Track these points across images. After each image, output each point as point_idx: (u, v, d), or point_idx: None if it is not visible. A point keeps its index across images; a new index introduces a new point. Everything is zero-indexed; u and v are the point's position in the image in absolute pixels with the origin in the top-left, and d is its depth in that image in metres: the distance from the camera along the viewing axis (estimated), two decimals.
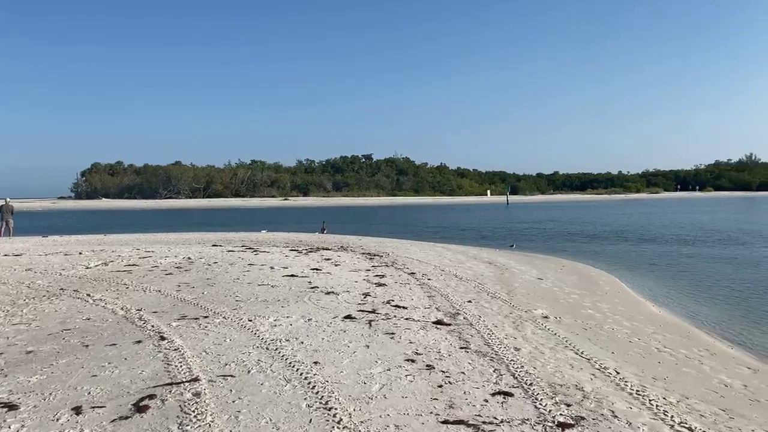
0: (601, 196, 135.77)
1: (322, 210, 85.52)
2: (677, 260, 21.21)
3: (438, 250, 22.23)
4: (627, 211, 65.21)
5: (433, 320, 9.52)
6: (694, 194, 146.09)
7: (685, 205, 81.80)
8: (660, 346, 8.91)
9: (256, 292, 11.86)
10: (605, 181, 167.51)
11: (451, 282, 13.98)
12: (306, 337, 8.31)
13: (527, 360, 7.46)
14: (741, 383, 7.24)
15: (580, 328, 9.75)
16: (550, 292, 13.41)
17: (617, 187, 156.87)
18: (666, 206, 79.89)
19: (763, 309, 12.64)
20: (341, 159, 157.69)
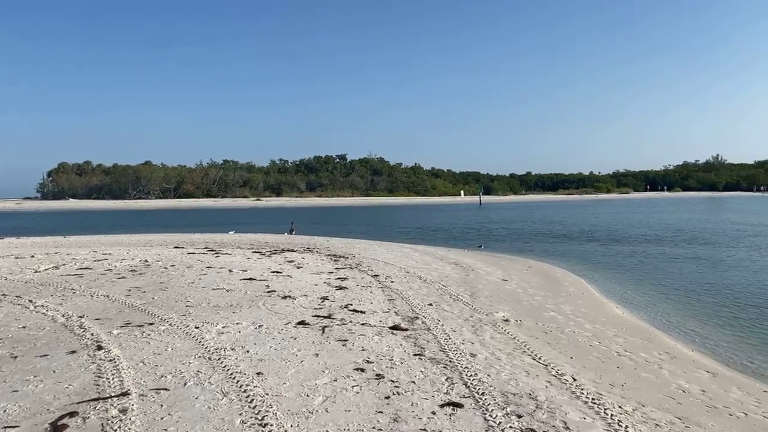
0: (572, 197, 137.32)
1: (295, 210, 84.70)
2: (642, 260, 21.28)
3: (406, 251, 21.95)
4: (596, 211, 65.93)
5: (390, 325, 9.19)
6: (663, 194, 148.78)
7: (654, 205, 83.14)
8: (620, 350, 8.72)
9: (210, 297, 11.39)
10: (577, 181, 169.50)
11: (415, 284, 13.68)
12: (253, 345, 7.91)
13: (482, 367, 7.17)
14: (699, 388, 7.07)
15: (541, 332, 9.53)
16: (514, 293, 13.20)
17: (588, 187, 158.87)
18: (635, 206, 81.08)
19: (724, 310, 12.61)
20: (315, 159, 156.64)
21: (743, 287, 15.21)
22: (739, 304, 13.14)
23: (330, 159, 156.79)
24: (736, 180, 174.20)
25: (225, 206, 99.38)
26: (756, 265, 19.45)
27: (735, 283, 15.93)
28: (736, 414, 6.25)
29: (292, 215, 67.37)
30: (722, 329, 10.91)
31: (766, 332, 10.61)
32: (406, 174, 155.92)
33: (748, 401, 6.76)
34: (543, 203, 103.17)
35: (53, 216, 70.14)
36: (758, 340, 10.11)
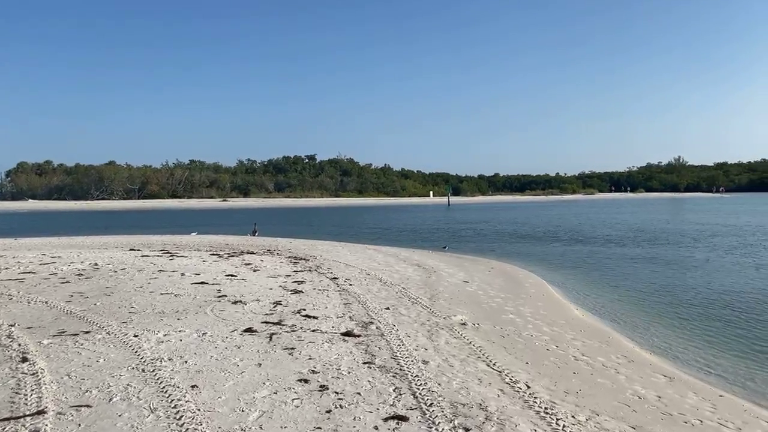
0: (538, 197, 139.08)
1: (263, 211, 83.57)
2: (604, 261, 21.36)
3: (369, 253, 21.59)
4: (561, 212, 66.69)
5: (343, 331, 8.81)
6: (627, 195, 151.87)
7: (617, 206, 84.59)
8: (578, 354, 8.51)
9: (156, 303, 10.84)
10: (543, 182, 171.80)
11: (374, 287, 13.32)
12: (193, 355, 7.44)
13: (433, 375, 6.85)
14: (655, 394, 6.87)
15: (498, 336, 9.27)
16: (474, 296, 12.96)
17: (555, 188, 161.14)
18: (599, 207, 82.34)
19: (683, 312, 12.59)
20: (284, 159, 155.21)
21: (701, 288, 15.29)
22: (696, 305, 13.15)
23: (299, 159, 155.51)
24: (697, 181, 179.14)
25: (190, 207, 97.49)
26: (711, 265, 19.67)
27: (693, 284, 16.02)
28: (691, 421, 6.06)
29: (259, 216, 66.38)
30: (680, 331, 10.84)
31: (721, 334, 10.57)
32: (376, 175, 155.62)
33: (703, 407, 6.59)
34: (510, 204, 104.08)
35: (9, 217, 67.61)
36: (714, 342, 10.05)
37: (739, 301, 13.44)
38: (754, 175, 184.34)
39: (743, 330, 10.79)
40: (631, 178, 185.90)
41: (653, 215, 56.41)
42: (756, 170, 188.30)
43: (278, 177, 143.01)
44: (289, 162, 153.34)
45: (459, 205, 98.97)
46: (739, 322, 11.37)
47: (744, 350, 9.50)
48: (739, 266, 19.20)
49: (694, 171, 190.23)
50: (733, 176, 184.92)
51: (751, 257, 21.50)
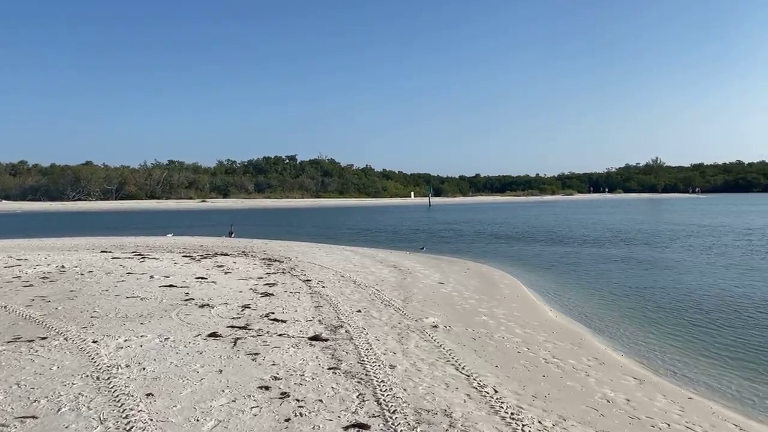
0: (518, 198, 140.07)
1: (242, 212, 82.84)
2: (580, 261, 21.42)
3: (346, 254, 21.39)
4: (540, 212, 67.11)
5: (311, 335, 8.61)
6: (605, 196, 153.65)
7: (596, 207, 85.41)
8: (549, 356, 8.41)
9: (120, 306, 10.53)
10: (523, 183, 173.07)
11: (347, 289, 13.13)
12: (153, 361, 7.18)
13: (399, 380, 6.69)
14: (624, 397, 6.79)
15: (469, 338, 9.15)
16: (449, 297, 12.84)
17: (534, 189, 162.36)
18: (577, 207, 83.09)
19: (656, 313, 12.61)
20: (264, 160, 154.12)
21: (673, 289, 15.36)
22: (668, 306, 13.18)
23: (279, 160, 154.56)
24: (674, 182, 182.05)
25: (169, 208, 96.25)
26: (685, 266, 19.82)
27: (666, 284, 16.09)
28: (659, 425, 5.97)
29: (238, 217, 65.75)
30: (651, 332, 10.82)
31: (691, 335, 10.57)
32: (357, 175, 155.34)
33: (672, 410, 6.51)
34: (490, 204, 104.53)
35: None
36: (684, 343, 10.04)
37: (709, 302, 13.50)
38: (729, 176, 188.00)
39: (712, 331, 10.81)
40: (610, 178, 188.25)
41: (630, 216, 57.03)
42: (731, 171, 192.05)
43: (258, 177, 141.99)
44: (269, 162, 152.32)
45: (439, 206, 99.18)
46: (708, 324, 11.39)
47: (712, 352, 9.49)
48: (711, 266, 19.36)
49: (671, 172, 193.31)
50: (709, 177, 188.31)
51: (723, 257, 21.72)
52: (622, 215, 57.85)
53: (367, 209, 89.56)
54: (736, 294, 14.31)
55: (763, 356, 9.14)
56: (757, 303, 13.16)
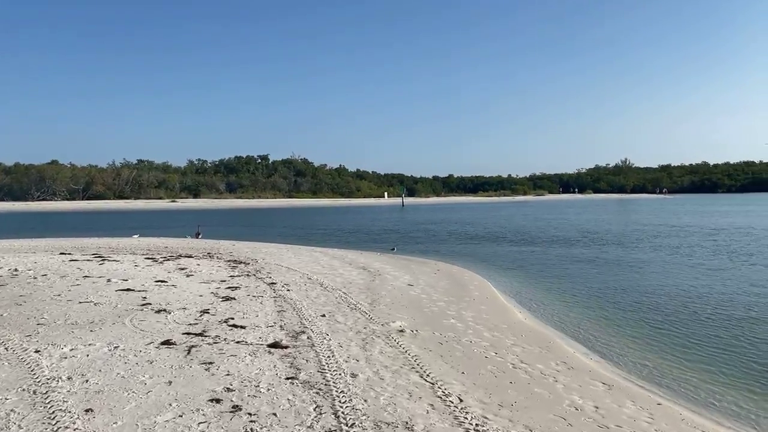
0: (490, 198, 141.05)
1: (213, 212, 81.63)
2: (549, 261, 21.40)
3: (315, 256, 20.98)
4: (511, 213, 67.54)
5: (270, 342, 8.23)
6: (575, 196, 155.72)
7: (566, 207, 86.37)
8: (517, 361, 8.19)
9: (71, 312, 9.99)
10: (496, 183, 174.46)
11: (313, 292, 12.76)
12: (98, 372, 6.73)
13: (361, 390, 6.37)
14: (593, 404, 6.58)
15: (436, 343, 8.87)
16: (417, 300, 12.57)
17: (506, 189, 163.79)
18: (548, 208, 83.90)
19: (625, 314, 12.54)
20: (236, 159, 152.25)
21: (642, 290, 15.36)
22: (637, 308, 13.14)
23: (251, 159, 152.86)
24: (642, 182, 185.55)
25: (137, 208, 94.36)
26: (652, 267, 19.94)
27: (635, 285, 16.10)
28: None
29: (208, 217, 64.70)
30: (621, 334, 10.71)
31: (660, 337, 10.48)
32: (331, 175, 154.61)
33: (641, 417, 6.33)
34: (463, 205, 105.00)
35: None
36: (653, 345, 9.93)
37: (677, 304, 13.50)
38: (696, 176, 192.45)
39: (681, 333, 10.75)
40: (580, 179, 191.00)
41: (599, 216, 57.71)
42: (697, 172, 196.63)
43: (230, 177, 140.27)
44: (241, 162, 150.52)
45: (413, 206, 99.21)
46: (677, 326, 11.34)
47: (681, 355, 9.40)
48: (679, 267, 19.50)
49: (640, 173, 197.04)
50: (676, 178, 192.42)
51: (690, 257, 21.93)
52: (590, 215, 58.52)
53: (341, 209, 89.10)
54: (703, 295, 14.36)
55: (732, 360, 9.07)
56: (726, 304, 13.19)
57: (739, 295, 14.11)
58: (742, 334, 10.51)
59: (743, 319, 11.67)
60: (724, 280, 16.50)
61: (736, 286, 15.38)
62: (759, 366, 8.68)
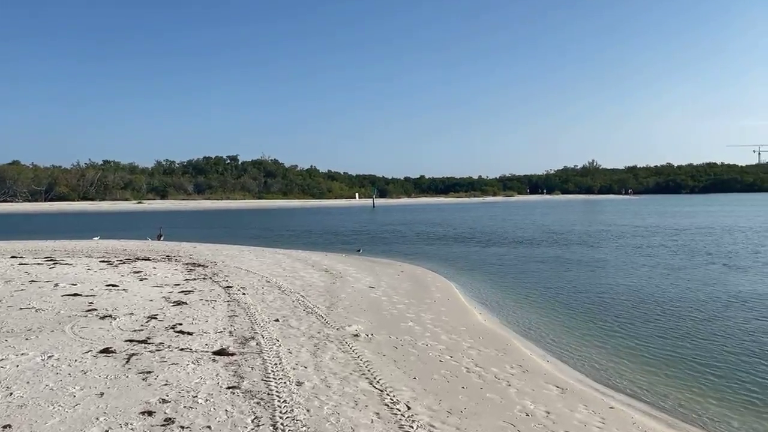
0: (461, 199, 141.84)
1: (181, 214, 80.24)
2: (513, 262, 21.42)
3: (278, 258, 20.60)
4: (481, 213, 67.93)
5: (216, 349, 7.91)
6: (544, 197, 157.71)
7: (533, 208, 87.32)
8: (471, 365, 8.02)
9: (9, 320, 9.48)
10: (467, 185, 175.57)
11: (270, 296, 12.43)
12: (25, 384, 6.33)
13: (305, 399, 6.11)
14: (544, 410, 6.43)
15: (391, 347, 8.66)
16: (377, 302, 12.34)
17: (477, 190, 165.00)
18: (516, 208, 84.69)
19: (585, 313, 12.51)
20: (204, 160, 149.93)
21: (603, 290, 15.43)
22: (597, 308, 13.15)
23: (220, 160, 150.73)
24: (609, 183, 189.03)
25: (102, 210, 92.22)
26: (614, 267, 20.10)
27: (597, 286, 16.17)
28: None
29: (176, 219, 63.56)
30: (578, 335, 10.65)
31: (618, 338, 10.46)
32: (302, 176, 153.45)
33: (592, 422, 6.20)
34: (433, 206, 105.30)
35: None
36: (610, 346, 9.89)
37: (636, 304, 13.57)
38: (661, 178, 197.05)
39: (639, 333, 10.75)
40: (549, 180, 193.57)
41: (565, 217, 58.41)
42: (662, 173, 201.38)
43: (198, 178, 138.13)
44: (209, 163, 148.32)
45: (384, 207, 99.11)
46: (634, 326, 11.35)
47: (637, 356, 9.37)
48: (639, 267, 19.69)
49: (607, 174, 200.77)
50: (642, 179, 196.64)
51: (651, 258, 22.19)
52: (557, 216, 59.19)
53: (311, 211, 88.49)
54: (662, 296, 14.46)
55: (681, 360, 9.07)
56: (679, 304, 13.29)
57: (693, 294, 14.25)
58: (690, 333, 10.56)
59: (695, 319, 11.76)
60: (681, 279, 16.68)
61: (691, 286, 15.55)
62: (704, 365, 8.69)
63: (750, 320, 11.51)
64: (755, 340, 10.03)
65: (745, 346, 9.68)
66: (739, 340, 10.06)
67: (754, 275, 17.16)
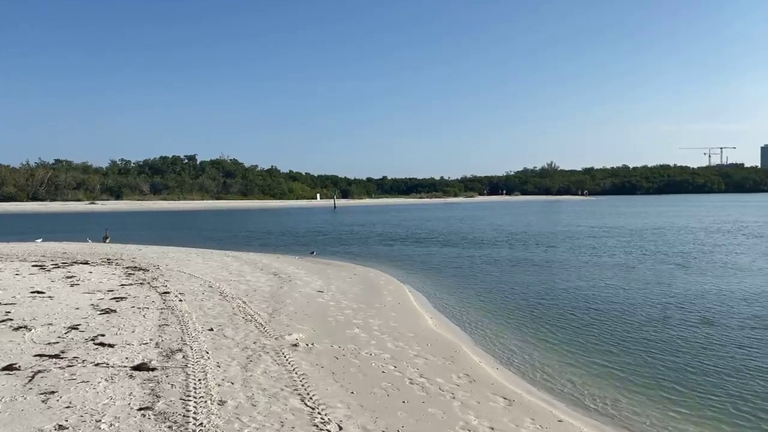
0: (423, 200, 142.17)
1: (135, 215, 77.91)
2: (470, 264, 21.12)
3: (226, 261, 19.78)
4: (442, 215, 67.98)
5: (136, 363, 7.20)
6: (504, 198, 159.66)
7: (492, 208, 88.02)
8: (416, 376, 7.53)
9: None
10: (429, 185, 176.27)
11: (209, 302, 11.71)
12: None
13: (224, 421, 5.50)
14: (489, 425, 5.98)
15: (331, 358, 8.10)
16: (324, 308, 11.76)
17: (439, 191, 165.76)
18: (476, 209, 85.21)
19: (538, 317, 12.21)
20: (161, 159, 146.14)
21: (555, 292, 15.22)
22: (550, 311, 12.88)
23: (177, 160, 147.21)
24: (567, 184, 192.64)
25: (52, 210, 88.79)
26: (568, 268, 20.02)
27: (551, 288, 15.96)
28: None
29: (130, 220, 61.55)
30: (530, 340, 10.31)
31: (571, 343, 10.15)
32: (262, 177, 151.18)
33: None
34: (395, 206, 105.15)
35: None
36: (562, 352, 9.57)
37: (590, 306, 13.38)
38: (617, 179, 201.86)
39: (592, 338, 10.48)
40: (509, 181, 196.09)
41: (522, 217, 58.90)
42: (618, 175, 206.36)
43: (154, 178, 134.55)
44: (166, 162, 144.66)
45: (345, 208, 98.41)
46: (588, 330, 11.10)
47: (588, 363, 9.06)
48: (594, 267, 19.65)
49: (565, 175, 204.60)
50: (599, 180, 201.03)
51: (610, 257, 22.24)
52: (515, 217, 59.64)
53: (271, 212, 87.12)
54: (617, 299, 14.32)
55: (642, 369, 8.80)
56: (637, 309, 13.14)
57: (648, 298, 14.16)
58: (640, 337, 10.36)
59: (649, 324, 11.58)
60: (633, 282, 16.62)
61: (646, 289, 15.49)
62: (658, 373, 8.43)
63: (702, 323, 11.39)
64: (708, 346, 9.87)
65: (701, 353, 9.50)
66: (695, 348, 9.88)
67: (703, 275, 17.26)
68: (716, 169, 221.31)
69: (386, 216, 65.10)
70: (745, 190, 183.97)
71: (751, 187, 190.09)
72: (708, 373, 8.33)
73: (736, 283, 15.72)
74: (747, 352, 9.36)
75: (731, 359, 8.97)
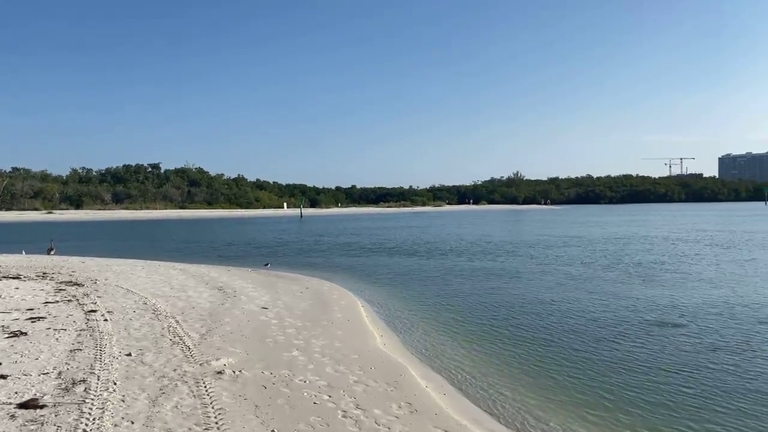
0: (391, 209, 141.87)
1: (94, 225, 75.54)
2: (430, 274, 20.46)
3: (171, 274, 18.69)
4: (409, 224, 67.48)
5: (25, 399, 6.24)
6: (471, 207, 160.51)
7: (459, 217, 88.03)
8: (351, 407, 6.74)
9: None
10: (397, 195, 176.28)
11: (138, 322, 10.72)
12: None
13: None
14: None
15: (259, 387, 7.25)
16: (264, 327, 10.89)
17: (407, 200, 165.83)
18: (444, 218, 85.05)
19: (494, 332, 11.56)
20: (123, 168, 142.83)
21: (513, 304, 14.65)
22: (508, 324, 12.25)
23: (141, 168, 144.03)
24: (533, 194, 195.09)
25: (5, 221, 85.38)
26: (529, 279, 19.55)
27: (508, 300, 15.38)
28: None
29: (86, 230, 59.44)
30: (484, 359, 9.62)
31: (529, 362, 9.50)
32: (228, 185, 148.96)
33: None
34: (363, 215, 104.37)
35: None
36: (517, 372, 8.89)
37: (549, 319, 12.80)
38: (581, 188, 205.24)
39: (548, 355, 9.86)
40: (476, 191, 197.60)
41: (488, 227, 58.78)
42: (582, 184, 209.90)
43: (117, 187, 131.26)
44: (129, 171, 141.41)
45: (312, 217, 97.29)
46: (545, 347, 10.48)
47: (548, 386, 8.41)
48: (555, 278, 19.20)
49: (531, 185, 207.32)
50: (564, 189, 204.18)
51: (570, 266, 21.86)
52: (481, 227, 59.50)
53: (236, 221, 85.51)
54: (578, 312, 13.79)
55: (598, 389, 8.18)
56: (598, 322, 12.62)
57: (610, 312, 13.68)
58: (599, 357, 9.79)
59: (599, 338, 11.05)
60: (593, 294, 16.16)
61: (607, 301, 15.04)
62: (617, 395, 7.83)
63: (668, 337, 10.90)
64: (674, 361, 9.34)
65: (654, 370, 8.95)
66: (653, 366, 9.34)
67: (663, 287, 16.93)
68: (676, 179, 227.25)
69: (353, 225, 64.28)
70: (704, 200, 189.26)
71: (710, 197, 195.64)
72: (663, 391, 7.76)
73: (696, 294, 15.39)
74: (705, 371, 8.85)
75: (690, 378, 8.43)
